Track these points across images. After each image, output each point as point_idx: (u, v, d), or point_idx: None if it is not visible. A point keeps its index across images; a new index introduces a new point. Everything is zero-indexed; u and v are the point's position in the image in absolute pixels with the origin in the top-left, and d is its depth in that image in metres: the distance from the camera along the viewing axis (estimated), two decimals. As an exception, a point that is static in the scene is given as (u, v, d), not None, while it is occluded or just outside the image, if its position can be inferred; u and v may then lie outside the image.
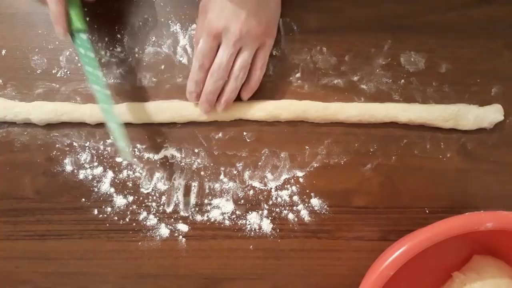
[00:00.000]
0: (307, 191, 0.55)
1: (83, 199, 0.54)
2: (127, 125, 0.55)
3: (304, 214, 0.54)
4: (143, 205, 0.55)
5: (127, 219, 0.54)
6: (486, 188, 0.55)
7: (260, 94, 0.55)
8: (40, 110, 0.54)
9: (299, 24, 0.56)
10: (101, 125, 0.55)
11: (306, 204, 0.55)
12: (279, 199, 0.55)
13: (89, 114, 0.54)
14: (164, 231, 0.54)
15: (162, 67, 0.56)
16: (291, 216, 0.54)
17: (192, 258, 0.55)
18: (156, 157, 0.55)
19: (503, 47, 0.55)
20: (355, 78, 0.55)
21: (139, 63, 0.56)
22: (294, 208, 0.55)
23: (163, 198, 0.55)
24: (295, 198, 0.55)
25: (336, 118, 0.54)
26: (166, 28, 0.56)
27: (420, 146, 0.55)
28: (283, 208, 0.55)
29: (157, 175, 0.55)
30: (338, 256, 0.54)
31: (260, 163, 0.55)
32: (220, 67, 0.50)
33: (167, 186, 0.55)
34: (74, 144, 0.55)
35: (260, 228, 0.54)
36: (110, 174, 0.55)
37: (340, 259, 0.54)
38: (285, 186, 0.55)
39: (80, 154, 0.55)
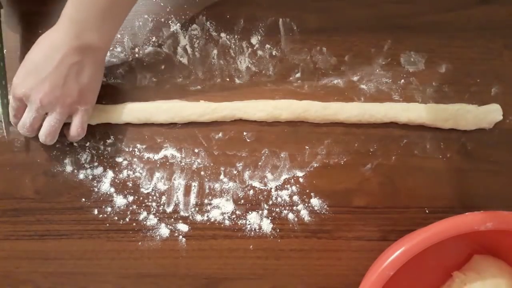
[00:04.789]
0: (307, 191, 0.55)
1: (83, 199, 0.54)
2: (128, 125, 0.55)
3: (304, 214, 0.54)
4: (143, 205, 0.55)
5: (127, 219, 0.54)
6: (486, 188, 0.55)
7: (260, 94, 0.55)
8: None
9: (299, 24, 0.56)
10: (101, 125, 0.55)
11: (306, 204, 0.55)
12: (279, 199, 0.55)
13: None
14: (164, 231, 0.54)
15: (162, 67, 0.56)
16: (291, 216, 0.54)
17: (192, 258, 0.54)
18: (156, 157, 0.55)
19: (503, 47, 0.55)
20: (355, 78, 0.55)
21: (139, 63, 0.56)
22: (294, 208, 0.55)
23: (163, 198, 0.55)
24: (295, 198, 0.55)
25: (336, 118, 0.54)
26: (166, 28, 0.56)
27: (420, 146, 0.55)
28: (283, 208, 0.55)
29: (157, 175, 0.55)
30: (338, 256, 0.54)
31: (260, 163, 0.55)
32: (23, 127, 0.50)
33: (167, 186, 0.55)
34: (74, 144, 0.55)
35: (260, 228, 0.54)
36: (110, 174, 0.55)
37: (340, 259, 0.54)
38: (285, 186, 0.55)
39: (80, 154, 0.55)
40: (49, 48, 0.47)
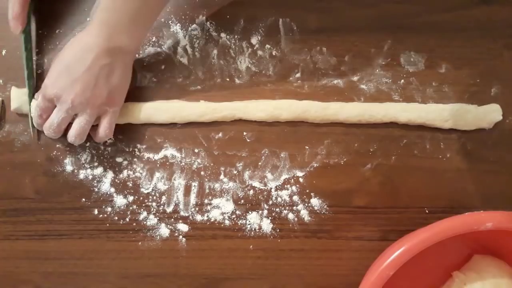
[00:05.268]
0: (307, 191, 0.55)
1: (83, 199, 0.54)
2: (128, 125, 0.55)
3: (304, 214, 0.54)
4: (143, 205, 0.55)
5: (127, 219, 0.54)
6: (486, 188, 0.55)
7: (260, 94, 0.55)
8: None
9: (299, 24, 0.56)
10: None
11: (306, 204, 0.55)
12: (279, 199, 0.55)
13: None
14: (164, 231, 0.54)
15: (162, 67, 0.56)
16: (291, 216, 0.54)
17: (192, 258, 0.55)
18: (156, 157, 0.55)
19: (503, 47, 0.55)
20: (355, 78, 0.55)
21: (139, 63, 0.56)
22: (294, 208, 0.55)
23: (163, 198, 0.55)
24: (295, 198, 0.55)
25: (336, 118, 0.54)
26: (166, 28, 0.56)
27: (419, 146, 0.55)
28: (283, 208, 0.55)
29: (157, 175, 0.55)
30: (338, 256, 0.54)
31: (260, 163, 0.55)
32: (50, 127, 0.50)
33: (167, 186, 0.55)
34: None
35: (260, 228, 0.54)
36: (110, 174, 0.55)
37: (340, 259, 0.54)
38: (285, 186, 0.55)
39: (80, 154, 0.55)
40: (80, 50, 0.48)
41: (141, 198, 0.55)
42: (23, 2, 0.51)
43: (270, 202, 0.55)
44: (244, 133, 0.55)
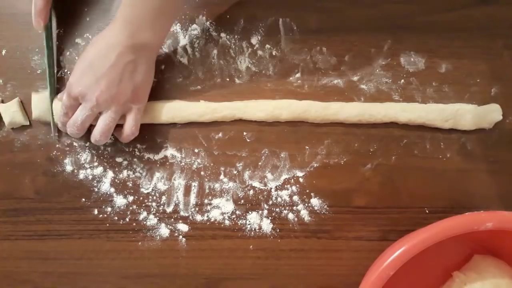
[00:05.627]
0: (307, 191, 0.55)
1: (83, 199, 0.54)
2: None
3: (304, 214, 0.54)
4: (143, 205, 0.55)
5: (127, 219, 0.54)
6: (486, 188, 0.55)
7: (260, 94, 0.55)
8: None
9: (299, 24, 0.56)
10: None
11: (306, 204, 0.55)
12: (279, 199, 0.55)
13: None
14: (164, 231, 0.54)
15: (162, 67, 0.56)
16: (291, 216, 0.54)
17: (192, 258, 0.55)
18: (156, 157, 0.55)
19: (503, 47, 0.55)
20: (355, 78, 0.55)
21: (139, 63, 0.55)
22: (294, 208, 0.55)
23: (163, 198, 0.55)
24: (295, 198, 0.55)
25: (336, 118, 0.54)
26: (166, 28, 0.56)
27: (420, 146, 0.55)
28: (283, 208, 0.55)
29: (157, 175, 0.55)
30: (338, 256, 0.54)
31: (260, 163, 0.55)
32: (74, 125, 0.50)
33: (167, 186, 0.55)
34: (74, 144, 0.55)
35: (260, 228, 0.54)
36: (110, 174, 0.55)
37: (340, 259, 0.54)
38: (285, 186, 0.55)
39: (80, 154, 0.55)
40: (104, 47, 0.48)
41: (141, 198, 0.55)
42: (45, 2, 0.50)
43: (270, 202, 0.55)
44: (244, 133, 0.55)
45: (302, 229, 0.54)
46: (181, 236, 0.54)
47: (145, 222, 0.54)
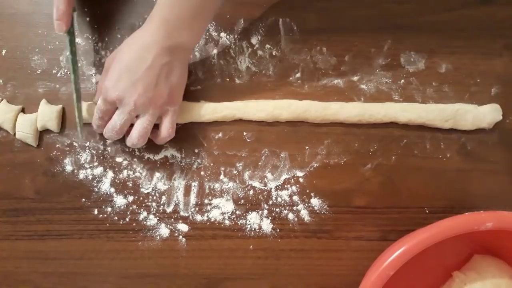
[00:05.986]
0: (307, 191, 0.55)
1: (83, 199, 0.54)
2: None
3: (304, 214, 0.54)
4: (143, 205, 0.55)
5: (127, 219, 0.54)
6: (486, 188, 0.55)
7: (260, 94, 0.55)
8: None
9: (299, 24, 0.56)
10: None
11: (306, 204, 0.55)
12: (279, 199, 0.55)
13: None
14: (164, 231, 0.54)
15: (162, 67, 0.56)
16: (291, 216, 0.54)
17: (192, 258, 0.55)
18: (156, 157, 0.55)
19: (503, 47, 0.55)
20: (355, 78, 0.55)
21: (139, 63, 0.55)
22: (294, 208, 0.55)
23: (163, 198, 0.55)
24: (295, 198, 0.55)
25: (336, 118, 0.54)
26: (166, 28, 0.56)
27: (420, 146, 0.55)
28: (283, 208, 0.55)
29: (157, 175, 0.55)
30: (338, 256, 0.54)
31: (260, 163, 0.55)
32: (113, 129, 0.49)
33: (167, 186, 0.55)
34: (74, 144, 0.55)
35: (260, 228, 0.54)
36: (110, 174, 0.55)
37: (340, 259, 0.54)
38: (285, 186, 0.55)
39: (80, 154, 0.55)
40: (140, 49, 0.47)
41: (141, 198, 0.55)
42: (68, 0, 0.49)
43: (270, 202, 0.55)
44: (244, 133, 0.55)
45: (302, 229, 0.54)
46: (181, 236, 0.54)
47: (145, 222, 0.54)
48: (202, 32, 0.51)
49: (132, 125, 0.50)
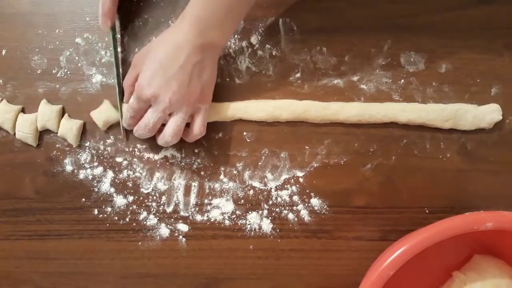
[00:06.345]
0: (307, 191, 0.55)
1: (83, 199, 0.55)
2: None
3: (304, 214, 0.54)
4: (143, 205, 0.55)
5: (127, 219, 0.54)
6: (486, 188, 0.55)
7: (260, 94, 0.55)
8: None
9: (299, 24, 0.56)
10: (101, 125, 0.55)
11: (306, 204, 0.55)
12: (279, 199, 0.55)
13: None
14: (164, 231, 0.54)
15: (162, 67, 0.56)
16: (291, 216, 0.54)
17: (192, 258, 0.55)
18: (156, 157, 0.55)
19: (503, 47, 0.55)
20: (355, 78, 0.55)
21: (139, 63, 0.56)
22: (294, 208, 0.55)
23: (163, 198, 0.55)
24: (295, 198, 0.55)
25: (336, 118, 0.54)
26: (166, 28, 0.56)
27: (420, 146, 0.55)
28: (283, 208, 0.55)
29: (157, 175, 0.55)
30: (338, 256, 0.55)
31: (260, 163, 0.55)
32: (145, 127, 0.49)
33: (167, 186, 0.55)
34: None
35: (260, 228, 0.54)
36: (110, 174, 0.55)
37: (340, 259, 0.54)
38: (285, 186, 0.55)
39: (80, 154, 0.55)
40: (172, 47, 0.47)
41: (141, 198, 0.55)
42: (113, 2, 0.50)
43: (270, 202, 0.55)
44: (244, 133, 0.55)
45: (302, 229, 0.54)
46: (181, 236, 0.54)
47: (145, 222, 0.54)
48: (233, 30, 0.51)
49: (163, 124, 0.50)
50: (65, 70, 0.55)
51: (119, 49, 0.55)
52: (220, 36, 0.49)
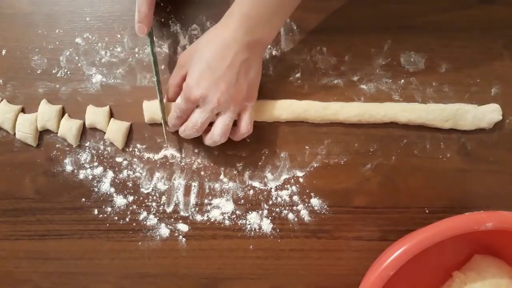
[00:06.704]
0: (307, 191, 0.55)
1: (83, 199, 0.55)
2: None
3: (304, 214, 0.54)
4: (143, 205, 0.55)
5: (127, 219, 0.54)
6: (486, 188, 0.55)
7: (260, 95, 0.55)
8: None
9: (299, 24, 0.56)
10: (101, 125, 0.55)
11: (306, 204, 0.55)
12: (279, 199, 0.55)
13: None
14: (164, 231, 0.54)
15: (162, 67, 0.56)
16: (291, 216, 0.54)
17: (192, 258, 0.55)
18: (156, 157, 0.55)
19: (503, 47, 0.55)
20: (355, 78, 0.55)
21: (139, 63, 0.56)
22: (294, 208, 0.55)
23: (163, 198, 0.55)
24: (295, 198, 0.55)
25: (336, 118, 0.54)
26: (166, 28, 0.56)
27: (420, 146, 0.55)
28: (283, 208, 0.55)
29: (157, 175, 0.55)
30: (338, 256, 0.54)
31: (260, 163, 0.55)
32: (193, 127, 0.49)
33: (167, 186, 0.55)
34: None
35: (260, 228, 0.54)
36: (110, 174, 0.55)
37: (340, 259, 0.54)
38: (285, 186, 0.55)
39: (80, 154, 0.55)
40: (220, 46, 0.47)
41: (141, 198, 0.55)
42: (150, 2, 0.49)
43: (270, 202, 0.55)
44: (244, 133, 0.55)
45: (302, 229, 0.54)
46: (181, 236, 0.54)
47: (145, 222, 0.54)
48: (279, 29, 0.51)
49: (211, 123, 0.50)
50: (65, 70, 0.55)
51: (156, 50, 0.54)
52: (267, 33, 0.49)
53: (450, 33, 0.55)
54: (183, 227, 0.54)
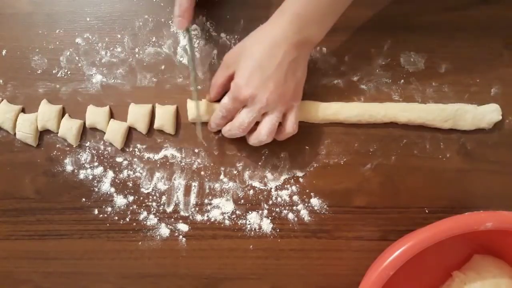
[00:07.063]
0: (307, 191, 0.55)
1: (84, 199, 0.55)
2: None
3: (304, 214, 0.54)
4: (143, 205, 0.55)
5: (127, 219, 0.54)
6: (486, 188, 0.55)
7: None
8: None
9: (299, 24, 0.56)
10: (101, 125, 0.55)
11: (306, 204, 0.55)
12: (279, 199, 0.55)
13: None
14: (164, 231, 0.54)
15: (162, 67, 0.56)
16: (291, 216, 0.54)
17: (192, 258, 0.55)
18: (156, 157, 0.55)
19: (503, 47, 0.55)
20: (355, 78, 0.55)
21: (139, 63, 0.56)
22: (294, 208, 0.55)
23: (163, 198, 0.55)
24: (295, 198, 0.55)
25: (336, 118, 0.54)
26: (166, 28, 0.56)
27: (419, 146, 0.55)
28: (283, 208, 0.55)
29: (157, 175, 0.55)
30: (338, 256, 0.54)
31: (260, 163, 0.55)
32: (240, 127, 0.49)
33: (167, 186, 0.55)
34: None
35: (260, 228, 0.54)
36: (110, 174, 0.55)
37: (340, 259, 0.54)
38: (285, 186, 0.55)
39: (80, 154, 0.55)
40: (270, 45, 0.47)
41: (141, 198, 0.55)
42: (190, 2, 0.49)
43: (270, 202, 0.55)
44: (244, 133, 0.55)
45: (302, 229, 0.54)
46: (181, 236, 0.54)
47: (145, 222, 0.54)
48: (328, 28, 0.50)
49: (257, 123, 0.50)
50: (65, 70, 0.55)
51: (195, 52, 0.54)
52: (317, 33, 0.48)
53: (450, 33, 0.55)
54: (183, 227, 0.54)
